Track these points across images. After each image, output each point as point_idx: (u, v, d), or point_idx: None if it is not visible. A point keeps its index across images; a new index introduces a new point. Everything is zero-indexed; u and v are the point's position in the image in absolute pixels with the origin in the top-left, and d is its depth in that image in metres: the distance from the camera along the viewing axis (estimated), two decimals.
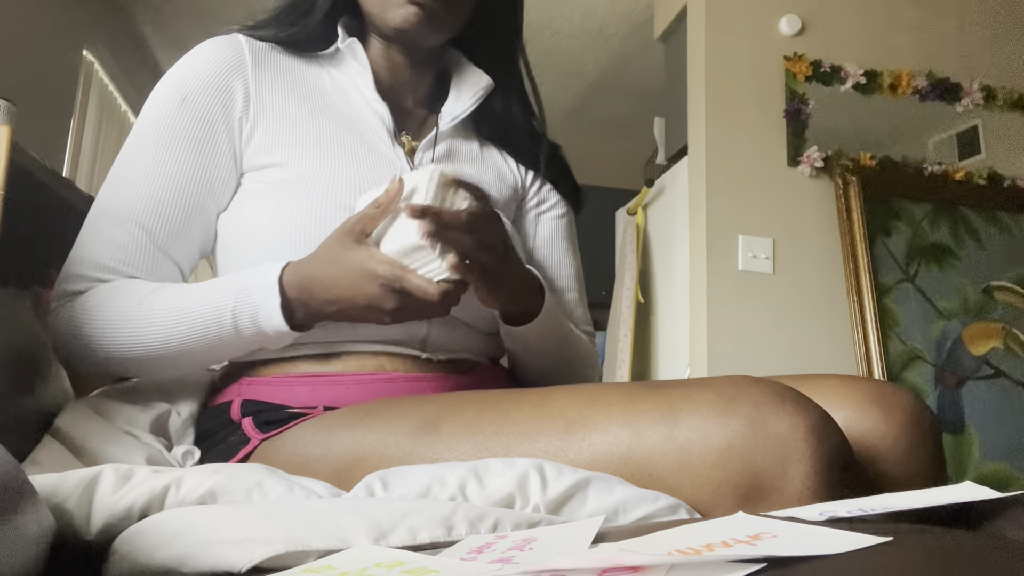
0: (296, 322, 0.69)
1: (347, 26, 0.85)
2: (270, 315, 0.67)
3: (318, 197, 0.75)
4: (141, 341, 0.70)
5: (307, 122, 0.80)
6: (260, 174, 0.78)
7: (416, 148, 0.84)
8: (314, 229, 0.73)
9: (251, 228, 0.76)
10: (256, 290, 0.68)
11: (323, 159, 0.78)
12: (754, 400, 0.51)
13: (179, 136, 0.76)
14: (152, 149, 0.76)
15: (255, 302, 0.68)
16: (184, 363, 0.74)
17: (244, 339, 0.70)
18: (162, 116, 0.77)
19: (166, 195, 0.75)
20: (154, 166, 0.75)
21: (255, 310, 0.68)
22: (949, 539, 0.33)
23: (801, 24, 2.31)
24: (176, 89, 0.78)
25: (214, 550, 0.41)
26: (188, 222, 0.76)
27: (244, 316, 0.68)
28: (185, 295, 0.71)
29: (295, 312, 0.69)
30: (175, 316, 0.70)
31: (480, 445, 0.58)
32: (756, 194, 2.20)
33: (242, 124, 0.78)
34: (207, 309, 0.69)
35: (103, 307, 0.71)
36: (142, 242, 0.74)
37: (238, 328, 0.69)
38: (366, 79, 0.83)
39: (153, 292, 0.72)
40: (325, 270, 0.66)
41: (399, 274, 0.63)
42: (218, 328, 0.69)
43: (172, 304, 0.70)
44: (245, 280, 0.69)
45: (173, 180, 0.75)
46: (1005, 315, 2.25)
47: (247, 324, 0.69)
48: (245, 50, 0.80)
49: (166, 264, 0.76)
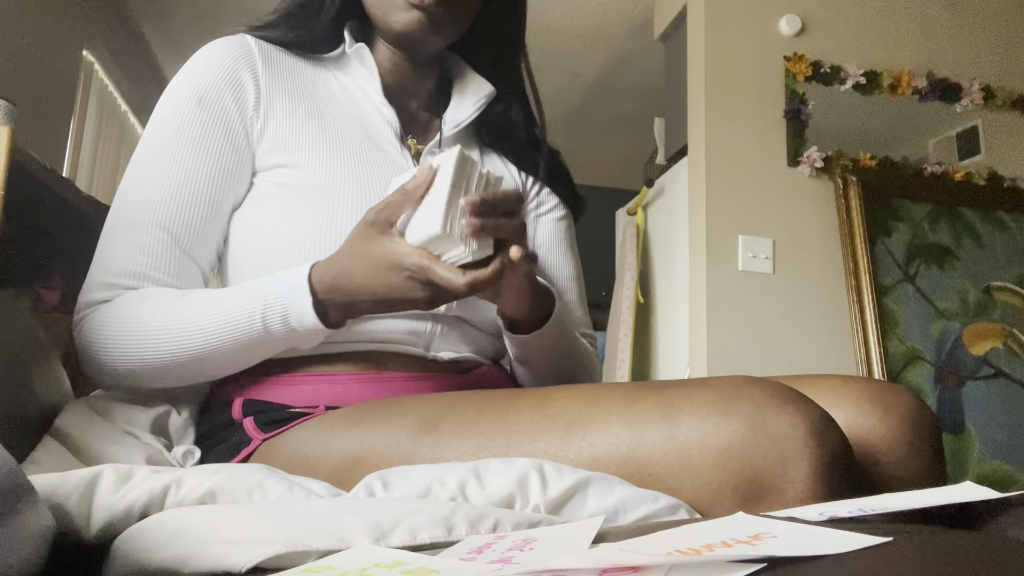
0: (330, 321, 0.69)
1: (352, 30, 0.85)
2: (302, 315, 0.67)
3: (328, 201, 0.75)
4: (170, 348, 0.70)
5: (315, 124, 0.80)
6: (270, 175, 0.78)
7: (421, 151, 0.85)
8: (325, 232, 0.73)
9: (261, 231, 0.76)
10: (286, 292, 0.68)
11: (333, 163, 0.78)
12: (754, 400, 0.51)
13: (198, 137, 0.76)
14: (172, 153, 0.76)
15: (285, 303, 0.68)
16: (211, 368, 0.73)
17: (275, 341, 0.70)
18: (178, 119, 0.77)
19: (189, 197, 0.75)
20: (175, 169, 0.75)
21: (286, 311, 0.68)
22: (949, 539, 0.33)
23: (801, 24, 2.31)
24: (191, 90, 0.77)
25: (214, 550, 0.41)
26: (209, 222, 0.76)
27: (275, 318, 0.68)
28: (213, 301, 0.71)
29: (328, 311, 0.68)
30: (205, 321, 0.69)
31: (480, 445, 0.58)
32: (756, 194, 2.20)
33: (253, 122, 0.78)
34: (237, 313, 0.69)
35: (130, 315, 0.71)
36: (168, 245, 0.74)
37: (269, 330, 0.69)
38: (373, 84, 0.83)
39: (180, 299, 0.72)
40: (352, 266, 0.66)
41: (425, 264, 0.63)
42: (248, 331, 0.69)
43: (200, 309, 0.70)
44: (273, 283, 0.69)
45: (195, 182, 0.75)
46: (1005, 315, 2.25)
47: (278, 326, 0.68)
48: (254, 48, 0.80)
49: (190, 266, 0.76)
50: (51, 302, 1.48)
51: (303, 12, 0.84)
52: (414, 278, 0.64)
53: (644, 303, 2.51)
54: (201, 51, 0.80)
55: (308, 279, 0.67)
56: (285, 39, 0.83)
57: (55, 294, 1.53)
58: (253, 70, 0.79)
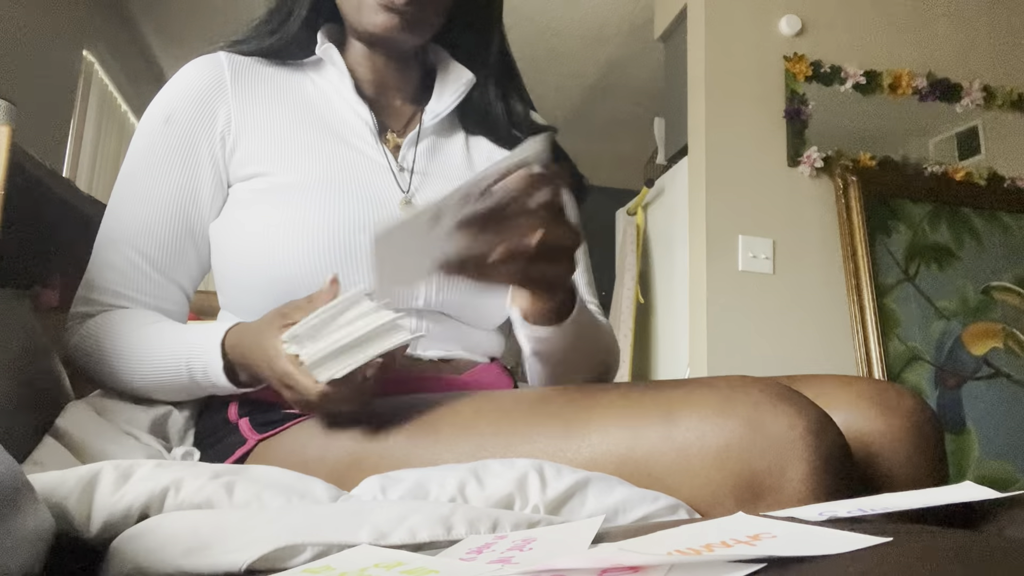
0: (240, 381, 0.71)
1: (329, 32, 0.86)
2: (216, 374, 0.70)
3: (295, 203, 0.75)
4: (131, 375, 0.75)
5: (291, 130, 0.81)
6: (246, 184, 0.79)
7: (401, 145, 0.85)
8: (291, 235, 0.74)
9: (236, 238, 0.77)
10: (204, 350, 0.71)
11: (303, 166, 0.78)
12: (753, 400, 0.51)
13: (164, 157, 0.79)
14: (142, 173, 0.79)
15: (204, 361, 0.71)
16: (172, 397, 0.77)
17: (204, 389, 0.73)
18: (148, 139, 0.80)
19: (159, 218, 0.78)
20: (145, 190, 0.79)
21: (205, 366, 0.71)
22: (949, 539, 0.33)
23: (801, 24, 2.31)
24: (160, 112, 0.80)
25: (213, 550, 0.41)
26: (182, 242, 0.79)
27: (197, 370, 0.72)
28: (157, 341, 0.74)
29: (238, 373, 0.71)
30: (149, 360, 0.73)
31: (479, 445, 0.58)
32: (756, 194, 2.20)
33: (224, 139, 0.80)
34: (171, 359, 0.73)
35: (105, 336, 0.75)
36: (140, 267, 0.78)
37: (194, 380, 0.72)
38: (345, 83, 0.84)
39: (140, 329, 0.75)
40: (250, 344, 0.68)
41: (288, 371, 0.62)
42: (178, 376, 0.73)
43: (148, 347, 0.74)
44: (198, 337, 0.72)
45: (164, 202, 0.78)
46: (1005, 315, 2.25)
47: (201, 377, 0.72)
48: (225, 69, 0.82)
49: (169, 287, 0.80)
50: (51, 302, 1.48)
51: (273, 19, 0.86)
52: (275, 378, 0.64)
53: (644, 303, 2.51)
54: (174, 76, 0.83)
55: (221, 343, 0.70)
56: (261, 48, 0.85)
57: (55, 294, 1.52)
58: (223, 92, 0.80)
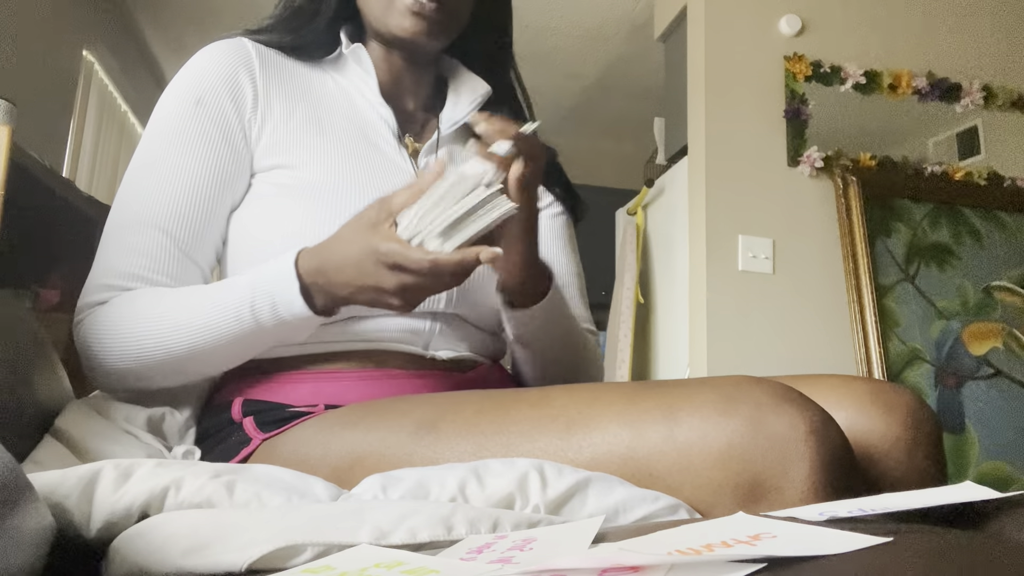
0: (318, 307, 0.68)
1: (349, 32, 0.86)
2: (290, 302, 0.67)
3: (325, 201, 0.75)
4: (165, 344, 0.70)
5: (312, 125, 0.80)
6: (268, 175, 0.79)
7: (419, 150, 0.85)
8: (321, 232, 0.72)
9: (258, 231, 0.77)
10: (273, 279, 0.67)
11: (330, 163, 0.78)
12: (754, 400, 0.51)
13: (196, 139, 0.76)
14: (170, 154, 0.76)
15: (273, 291, 0.67)
16: (207, 364, 0.73)
17: (266, 332, 0.69)
18: (177, 121, 0.77)
19: (188, 199, 0.75)
20: (173, 171, 0.75)
21: (274, 299, 0.67)
22: (949, 539, 0.33)
23: (801, 24, 2.31)
24: (189, 92, 0.78)
25: (214, 550, 0.41)
26: (208, 223, 0.77)
27: (264, 307, 0.67)
28: (201, 295, 0.71)
29: (315, 297, 0.68)
30: (196, 316, 0.69)
31: (480, 444, 0.58)
32: (756, 194, 2.20)
33: (252, 123, 0.79)
34: (226, 305, 0.69)
35: (125, 314, 0.71)
36: (167, 247, 0.74)
37: (259, 321, 0.68)
38: (370, 84, 0.84)
39: (170, 295, 0.72)
40: (338, 250, 0.65)
41: (396, 248, 0.61)
42: (238, 324, 0.68)
43: (192, 305, 0.70)
44: (261, 272, 0.69)
45: (193, 183, 0.76)
46: (1005, 315, 2.25)
47: (267, 315, 0.68)
48: (252, 51, 0.81)
49: (190, 267, 0.76)
50: (51, 302, 1.47)
51: (298, 17, 0.85)
52: (382, 262, 0.62)
53: (644, 303, 2.51)
54: (199, 54, 0.80)
55: (295, 263, 0.67)
56: (282, 43, 0.84)
57: (55, 294, 1.52)
58: (251, 72, 0.80)
